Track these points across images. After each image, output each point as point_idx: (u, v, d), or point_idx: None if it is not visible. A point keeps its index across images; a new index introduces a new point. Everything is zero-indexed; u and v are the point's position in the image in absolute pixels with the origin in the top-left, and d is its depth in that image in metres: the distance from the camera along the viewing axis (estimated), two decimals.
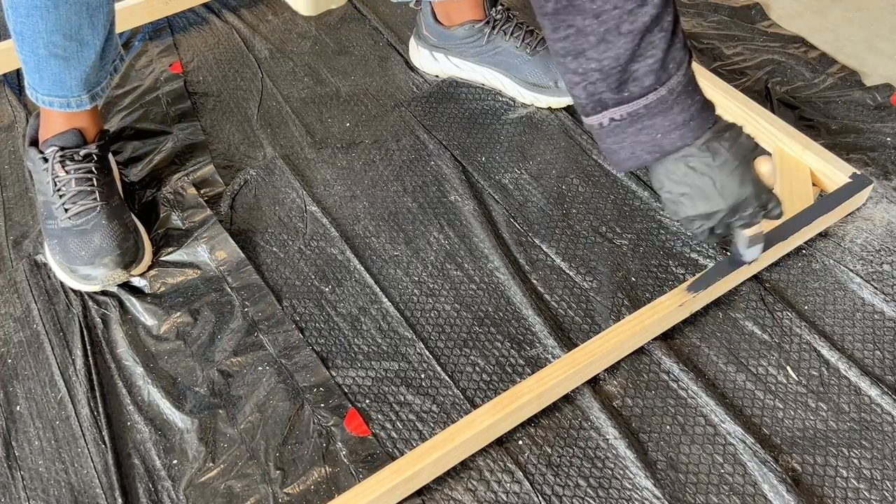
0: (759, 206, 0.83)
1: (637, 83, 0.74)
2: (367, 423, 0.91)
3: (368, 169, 1.20)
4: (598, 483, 0.86)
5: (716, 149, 0.78)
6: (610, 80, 0.73)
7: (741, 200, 0.81)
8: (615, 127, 0.77)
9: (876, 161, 1.17)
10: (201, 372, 0.96)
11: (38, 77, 1.01)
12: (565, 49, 0.73)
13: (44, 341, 1.00)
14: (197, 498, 0.86)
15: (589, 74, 0.74)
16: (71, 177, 1.04)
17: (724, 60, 1.34)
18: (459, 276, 1.05)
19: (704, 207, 0.81)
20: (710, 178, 0.79)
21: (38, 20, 0.94)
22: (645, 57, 0.72)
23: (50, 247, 1.05)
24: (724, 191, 0.79)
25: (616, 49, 0.71)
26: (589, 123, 0.79)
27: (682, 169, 0.79)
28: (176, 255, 1.08)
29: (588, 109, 0.78)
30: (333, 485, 0.87)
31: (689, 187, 0.80)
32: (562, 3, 0.70)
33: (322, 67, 1.37)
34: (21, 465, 0.90)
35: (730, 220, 0.83)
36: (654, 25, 0.71)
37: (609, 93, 0.75)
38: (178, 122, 1.27)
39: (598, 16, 0.70)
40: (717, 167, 0.78)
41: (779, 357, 0.96)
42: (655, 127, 0.76)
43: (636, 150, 0.78)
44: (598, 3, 0.69)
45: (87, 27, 0.97)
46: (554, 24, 0.72)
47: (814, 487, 0.85)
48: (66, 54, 0.98)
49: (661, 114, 0.75)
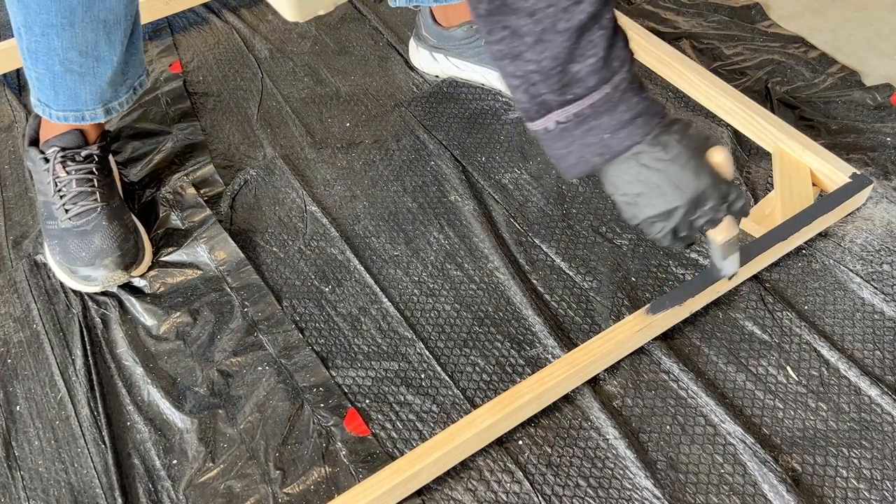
0: (719, 197, 0.78)
1: (581, 83, 0.71)
2: (367, 423, 0.91)
3: (368, 169, 1.20)
4: (598, 483, 0.86)
5: (666, 142, 0.74)
6: (551, 81, 0.71)
7: (699, 193, 0.77)
8: (561, 130, 0.74)
9: (876, 161, 1.17)
10: (201, 372, 0.96)
11: (53, 94, 1.00)
12: (502, 52, 0.71)
13: (43, 341, 1.00)
14: (197, 498, 0.86)
15: (529, 76, 0.71)
16: (72, 177, 1.04)
17: (724, 60, 1.34)
18: (459, 276, 1.05)
19: (663, 205, 0.77)
20: (664, 172, 0.75)
21: (53, 38, 0.93)
22: (586, 56, 0.70)
23: (50, 247, 1.05)
24: (680, 184, 0.76)
25: (554, 48, 0.69)
26: (534, 129, 0.76)
27: (634, 167, 0.75)
28: (175, 255, 1.08)
29: (532, 114, 0.74)
30: (333, 485, 0.87)
31: (643, 185, 0.76)
32: (495, 3, 0.67)
33: (322, 67, 1.37)
34: (21, 465, 0.90)
35: (691, 217, 0.78)
36: (592, 23, 0.68)
37: (552, 94, 0.72)
38: (178, 122, 1.27)
39: (533, 14, 0.67)
40: (669, 160, 0.75)
41: (779, 357, 0.96)
42: (602, 126, 0.73)
43: (584, 153, 0.75)
44: (532, 2, 0.67)
45: (103, 44, 0.96)
46: (489, 26, 0.70)
47: (814, 487, 0.85)
48: (81, 70, 0.98)
49: (608, 112, 0.73)
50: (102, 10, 0.93)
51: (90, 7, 0.92)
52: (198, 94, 1.33)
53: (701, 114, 1.25)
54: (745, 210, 0.82)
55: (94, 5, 0.92)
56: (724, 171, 0.79)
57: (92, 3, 0.92)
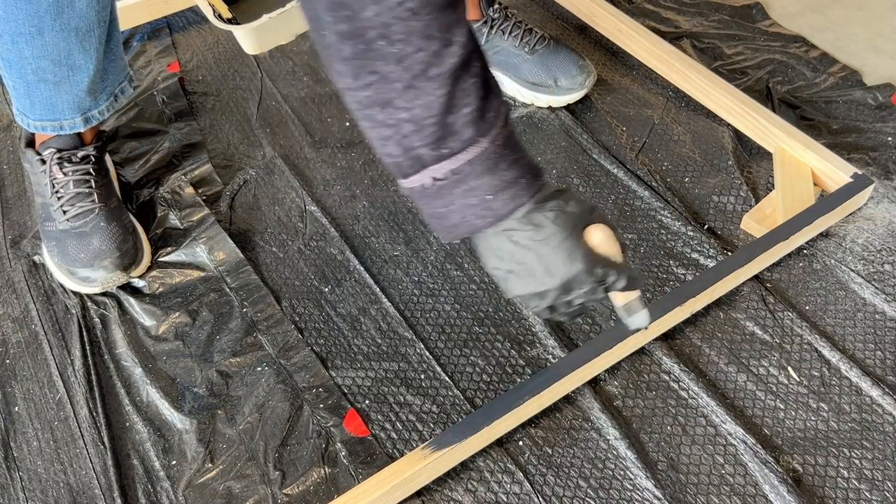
0: (594, 281, 0.72)
1: (456, 137, 0.66)
2: (367, 424, 0.91)
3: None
4: (599, 484, 0.86)
5: (539, 221, 0.69)
6: (424, 132, 0.65)
7: (571, 277, 0.71)
8: (440, 188, 0.68)
9: (877, 161, 1.16)
10: (200, 372, 0.96)
11: (29, 102, 0.99)
12: (370, 99, 0.65)
13: (42, 342, 0.99)
14: (196, 499, 0.86)
15: (401, 126, 0.65)
16: (69, 178, 1.04)
17: (725, 60, 1.34)
18: (459, 276, 1.05)
19: (533, 286, 0.71)
20: (534, 252, 0.70)
21: (23, 47, 0.92)
22: (461, 106, 0.65)
23: (48, 249, 1.04)
24: (550, 268, 0.70)
25: (427, 96, 0.64)
26: (409, 187, 0.69)
27: (507, 245, 0.70)
28: (174, 255, 1.08)
29: (406, 169, 0.68)
30: (333, 485, 0.87)
31: (515, 264, 0.71)
32: (359, 46, 0.62)
33: (322, 67, 1.36)
34: (20, 465, 0.89)
35: (566, 298, 0.73)
36: (463, 71, 0.64)
37: (426, 148, 0.66)
38: (175, 122, 1.26)
39: (402, 60, 0.62)
40: (540, 241, 0.69)
41: (780, 357, 0.96)
42: (483, 187, 0.68)
43: (466, 213, 0.69)
44: (399, 47, 0.61)
45: (77, 52, 0.95)
46: (354, 71, 0.64)
47: (815, 488, 0.85)
48: (56, 79, 0.96)
49: (488, 172, 0.67)
50: (73, 17, 0.91)
51: (58, 15, 0.90)
52: (197, 93, 1.32)
53: (702, 113, 1.24)
54: (632, 286, 0.76)
55: (63, 13, 0.90)
56: (604, 250, 0.73)
57: (60, 10, 0.90)
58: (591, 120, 1.25)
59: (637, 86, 1.30)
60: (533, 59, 1.23)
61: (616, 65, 1.34)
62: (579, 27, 1.41)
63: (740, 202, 1.12)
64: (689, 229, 1.08)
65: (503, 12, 1.25)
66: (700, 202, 1.13)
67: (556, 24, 1.42)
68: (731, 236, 1.09)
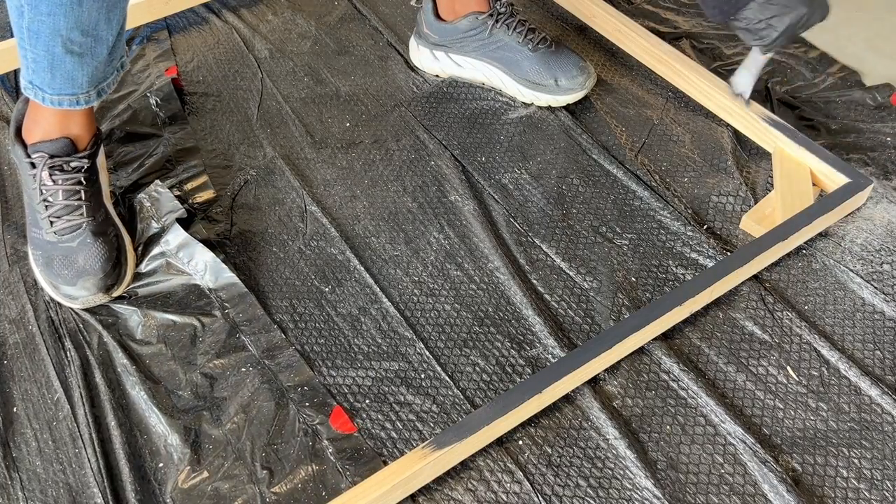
0: None
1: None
2: (353, 420, 0.91)
3: (368, 169, 1.19)
4: (599, 483, 0.86)
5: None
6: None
7: None
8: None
9: (876, 161, 1.16)
10: (184, 375, 0.96)
11: (50, 76, 0.98)
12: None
13: (39, 343, 0.99)
14: (184, 500, 0.86)
15: None
16: (59, 188, 1.01)
17: (725, 60, 1.34)
18: (459, 276, 1.05)
19: (793, 17, 1.03)
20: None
21: (60, 18, 0.92)
22: None
23: (34, 257, 1.03)
24: None
25: None
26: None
27: None
28: (158, 259, 1.06)
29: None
30: (320, 483, 0.87)
31: None
32: None
33: (322, 67, 1.36)
34: (19, 465, 0.89)
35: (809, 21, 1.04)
36: None
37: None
38: (169, 126, 1.26)
39: None
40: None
41: (779, 357, 0.96)
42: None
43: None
44: None
45: (103, 22, 0.95)
46: None
47: (814, 487, 0.85)
48: (81, 50, 0.96)
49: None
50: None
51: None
52: (197, 94, 1.32)
53: (701, 114, 1.25)
54: None
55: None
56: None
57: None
58: (590, 120, 1.25)
59: (636, 86, 1.30)
60: (535, 57, 1.23)
61: (615, 65, 1.34)
62: (579, 27, 1.41)
63: (739, 202, 1.12)
64: (688, 229, 1.09)
65: (509, 8, 1.26)
66: (699, 202, 1.13)
67: (556, 25, 1.42)
68: (730, 236, 1.09)
